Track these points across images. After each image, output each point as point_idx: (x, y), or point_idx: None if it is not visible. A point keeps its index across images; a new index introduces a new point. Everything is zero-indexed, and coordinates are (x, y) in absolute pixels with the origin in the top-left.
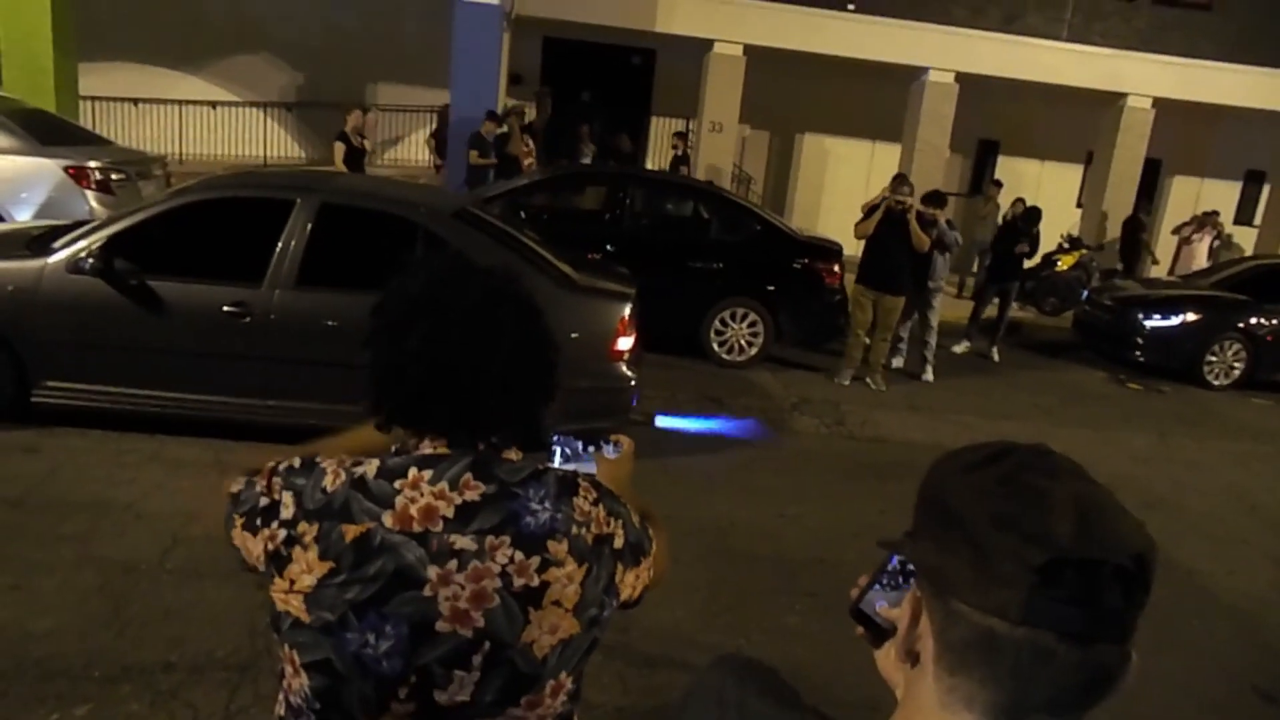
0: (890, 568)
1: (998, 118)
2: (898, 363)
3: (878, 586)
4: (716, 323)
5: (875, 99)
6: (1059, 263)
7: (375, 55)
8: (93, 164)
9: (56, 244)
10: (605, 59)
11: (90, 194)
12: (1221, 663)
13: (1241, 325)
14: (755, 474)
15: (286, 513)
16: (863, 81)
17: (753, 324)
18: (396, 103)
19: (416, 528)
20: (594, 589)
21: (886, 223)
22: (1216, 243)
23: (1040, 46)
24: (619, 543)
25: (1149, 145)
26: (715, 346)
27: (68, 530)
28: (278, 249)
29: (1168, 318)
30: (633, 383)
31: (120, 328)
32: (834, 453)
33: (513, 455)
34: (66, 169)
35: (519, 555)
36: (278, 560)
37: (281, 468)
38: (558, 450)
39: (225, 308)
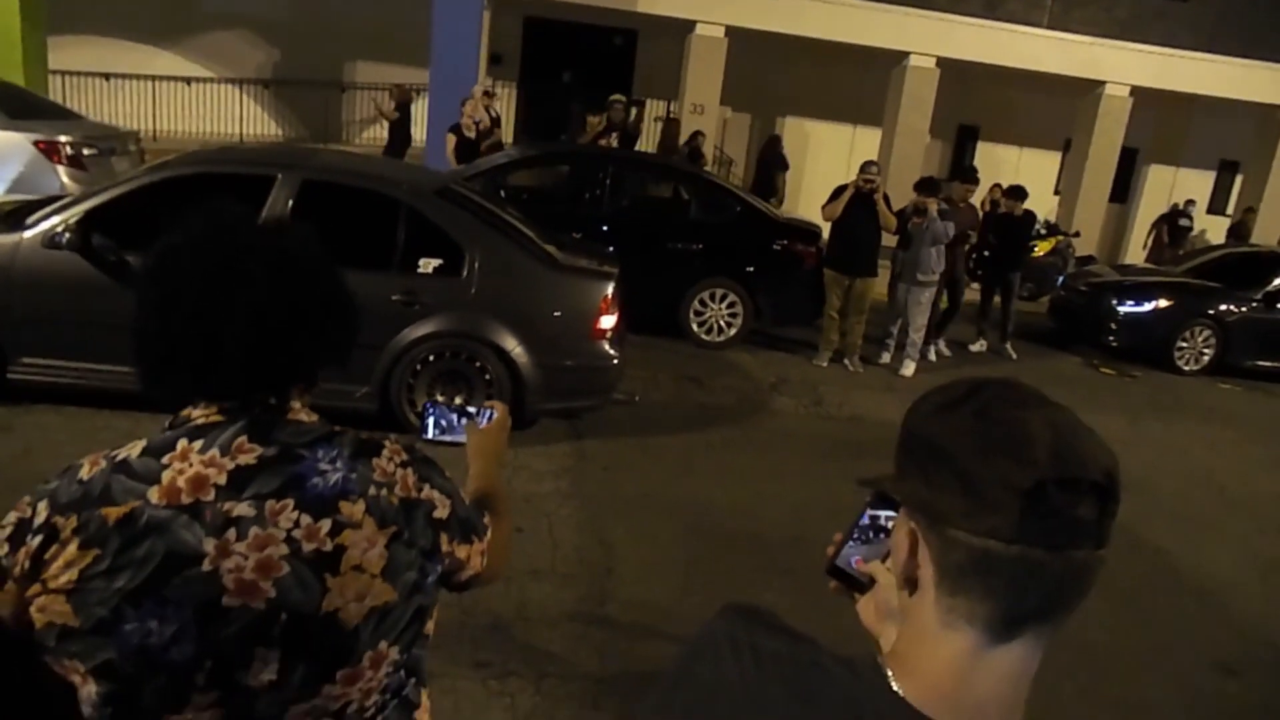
0: (863, 523)
1: (978, 103)
2: (885, 358)
3: (851, 543)
4: (696, 303)
5: (857, 83)
6: (1035, 248)
7: (354, 33)
8: (64, 139)
9: (31, 219)
10: (586, 39)
11: (62, 169)
12: (1187, 639)
13: (1212, 312)
14: (734, 453)
15: (39, 519)
16: (844, 65)
17: (731, 304)
18: (375, 81)
19: (185, 500)
20: (406, 553)
21: (855, 204)
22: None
23: (1021, 33)
24: (441, 512)
25: (1126, 134)
26: (694, 327)
27: None
28: None
29: (1140, 304)
30: (615, 361)
31: (98, 303)
32: (811, 433)
33: (303, 416)
34: (36, 144)
35: (306, 519)
36: (35, 567)
37: (36, 487)
38: (430, 420)
39: None
